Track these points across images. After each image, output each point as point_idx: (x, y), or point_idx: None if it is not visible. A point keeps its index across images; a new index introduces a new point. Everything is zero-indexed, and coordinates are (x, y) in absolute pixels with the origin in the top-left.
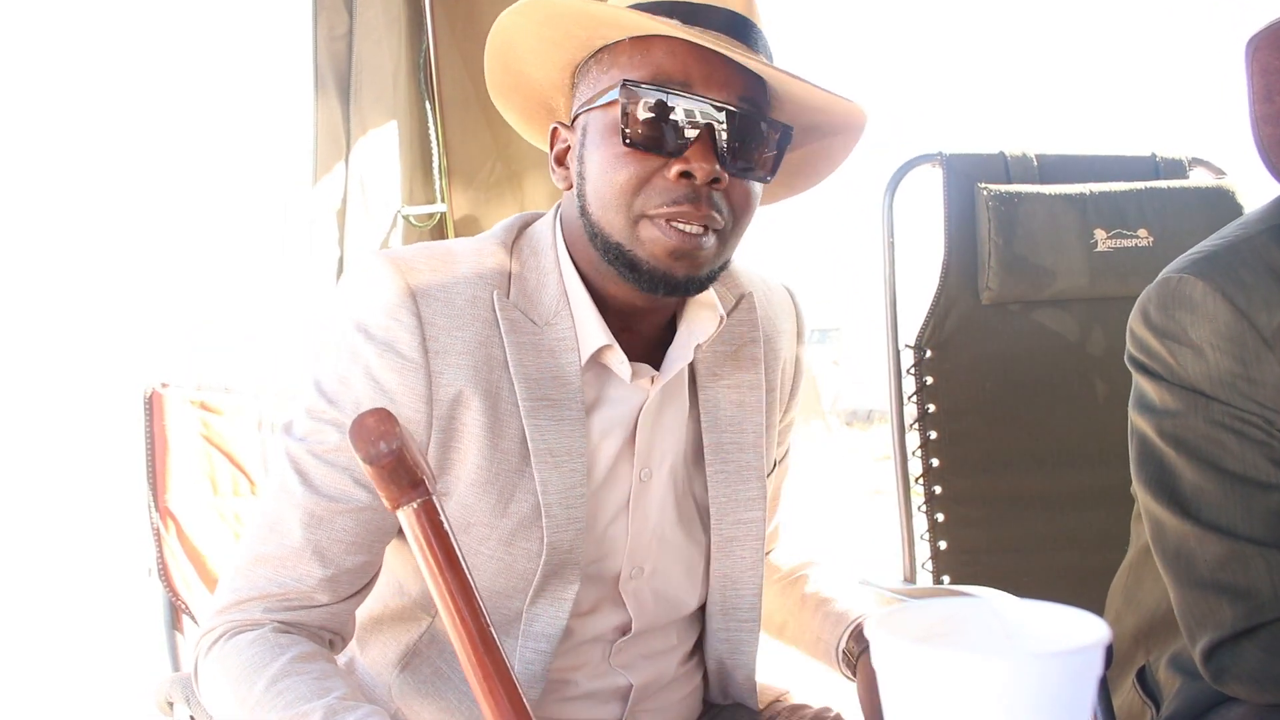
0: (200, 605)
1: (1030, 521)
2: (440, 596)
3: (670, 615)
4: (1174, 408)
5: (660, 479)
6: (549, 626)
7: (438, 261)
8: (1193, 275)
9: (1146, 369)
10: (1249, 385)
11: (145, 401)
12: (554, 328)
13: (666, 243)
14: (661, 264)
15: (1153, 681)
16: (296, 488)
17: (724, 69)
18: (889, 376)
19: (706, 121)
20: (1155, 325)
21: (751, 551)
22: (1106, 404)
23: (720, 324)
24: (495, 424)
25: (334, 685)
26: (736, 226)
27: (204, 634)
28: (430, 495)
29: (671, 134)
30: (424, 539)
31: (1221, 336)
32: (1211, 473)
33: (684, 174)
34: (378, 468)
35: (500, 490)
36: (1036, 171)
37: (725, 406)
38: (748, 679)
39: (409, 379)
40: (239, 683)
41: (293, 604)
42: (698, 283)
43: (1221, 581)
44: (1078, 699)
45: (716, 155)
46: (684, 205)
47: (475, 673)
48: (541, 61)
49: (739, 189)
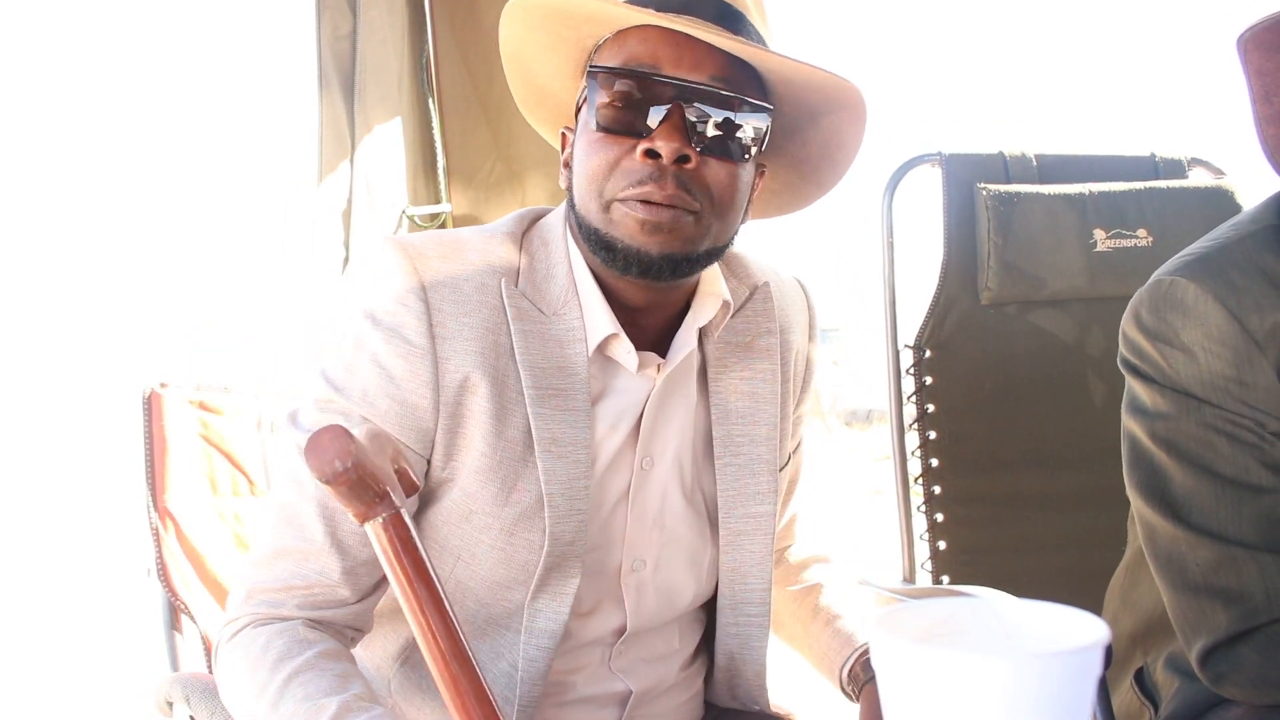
0: (199, 605)
1: (1029, 521)
2: (411, 610)
3: (670, 612)
4: (1165, 410)
5: (663, 469)
6: (551, 622)
7: (447, 249)
8: (1184, 278)
9: (1138, 371)
10: (1241, 388)
11: (144, 401)
12: (561, 318)
13: (635, 217)
14: (635, 241)
15: (1150, 682)
16: (308, 480)
17: (694, 50)
18: (888, 376)
19: (674, 101)
20: (1147, 328)
21: (761, 546)
22: (1105, 404)
23: (726, 311)
24: (501, 412)
25: (354, 684)
26: (717, 208)
27: (227, 623)
28: (397, 509)
29: (639, 116)
30: (392, 553)
31: (1213, 339)
32: (1203, 476)
33: (650, 153)
34: (335, 486)
35: (503, 479)
36: (1036, 171)
37: (736, 398)
38: (757, 676)
39: (416, 365)
40: (260, 670)
41: (319, 599)
42: (672, 262)
43: (1214, 585)
44: (1077, 699)
45: (685, 134)
46: (648, 185)
47: (447, 687)
48: (552, 71)
49: (714, 169)
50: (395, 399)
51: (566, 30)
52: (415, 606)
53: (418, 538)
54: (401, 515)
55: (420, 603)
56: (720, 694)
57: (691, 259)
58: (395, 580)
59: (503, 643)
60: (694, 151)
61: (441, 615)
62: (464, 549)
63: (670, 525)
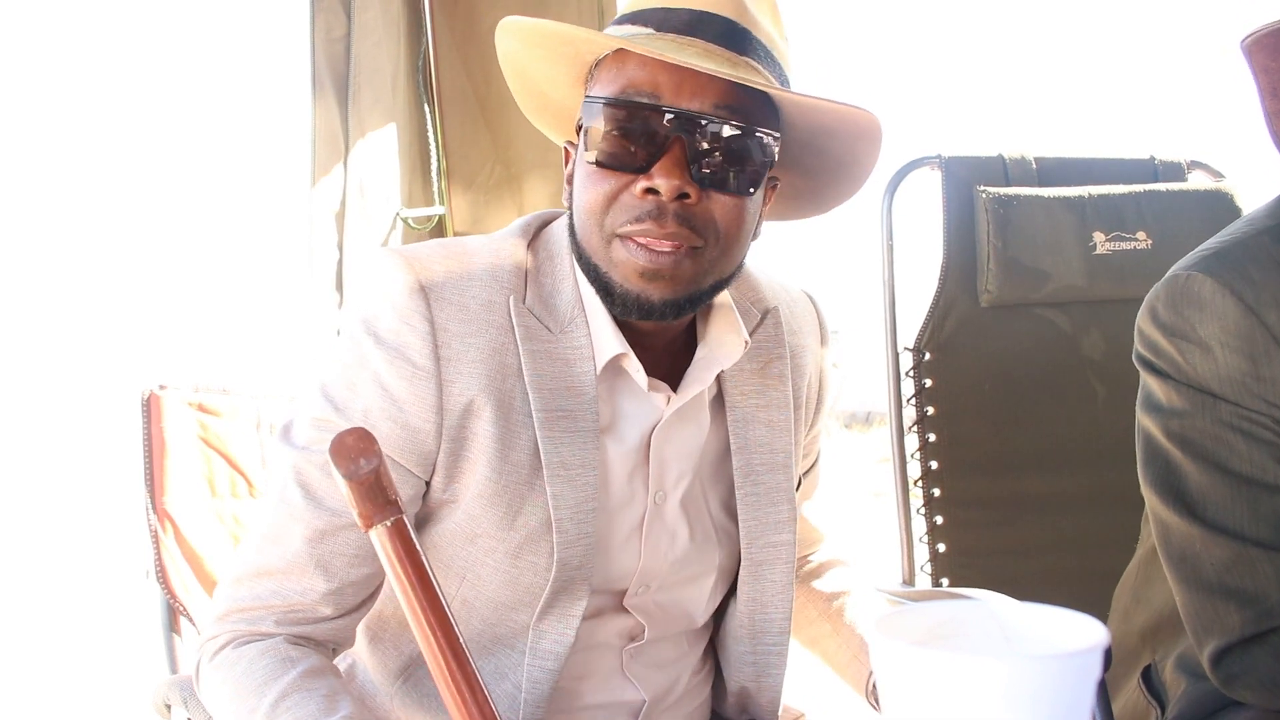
0: (198, 607)
1: (1029, 524)
2: (413, 616)
3: (681, 626)
4: (1181, 407)
5: (675, 502)
6: (556, 644)
7: (453, 261)
8: (1201, 273)
9: (1154, 368)
10: (1258, 383)
11: (143, 403)
12: (569, 335)
13: (635, 263)
14: (634, 287)
15: (1158, 681)
16: (298, 501)
17: (697, 76)
18: (888, 379)
19: (675, 133)
20: (1163, 323)
21: (782, 575)
22: (1105, 406)
23: (745, 348)
24: (507, 434)
25: (341, 704)
26: (720, 244)
27: (207, 640)
28: (401, 514)
29: (637, 149)
30: (396, 558)
31: (1230, 334)
32: (1219, 474)
33: (650, 190)
34: (357, 483)
35: (509, 502)
36: (1035, 174)
37: (755, 427)
38: (772, 701)
39: (419, 387)
40: (247, 693)
41: (299, 617)
42: (675, 306)
43: (1229, 585)
44: (1076, 701)
45: (685, 169)
46: (647, 223)
47: (450, 694)
48: (553, 82)
49: (719, 203)
50: (397, 421)
51: (563, 47)
52: (418, 612)
53: (419, 545)
54: (404, 521)
55: (423, 609)
56: (731, 711)
57: (693, 298)
58: (398, 586)
59: (507, 663)
60: (695, 188)
61: (443, 621)
62: (469, 569)
63: (681, 555)
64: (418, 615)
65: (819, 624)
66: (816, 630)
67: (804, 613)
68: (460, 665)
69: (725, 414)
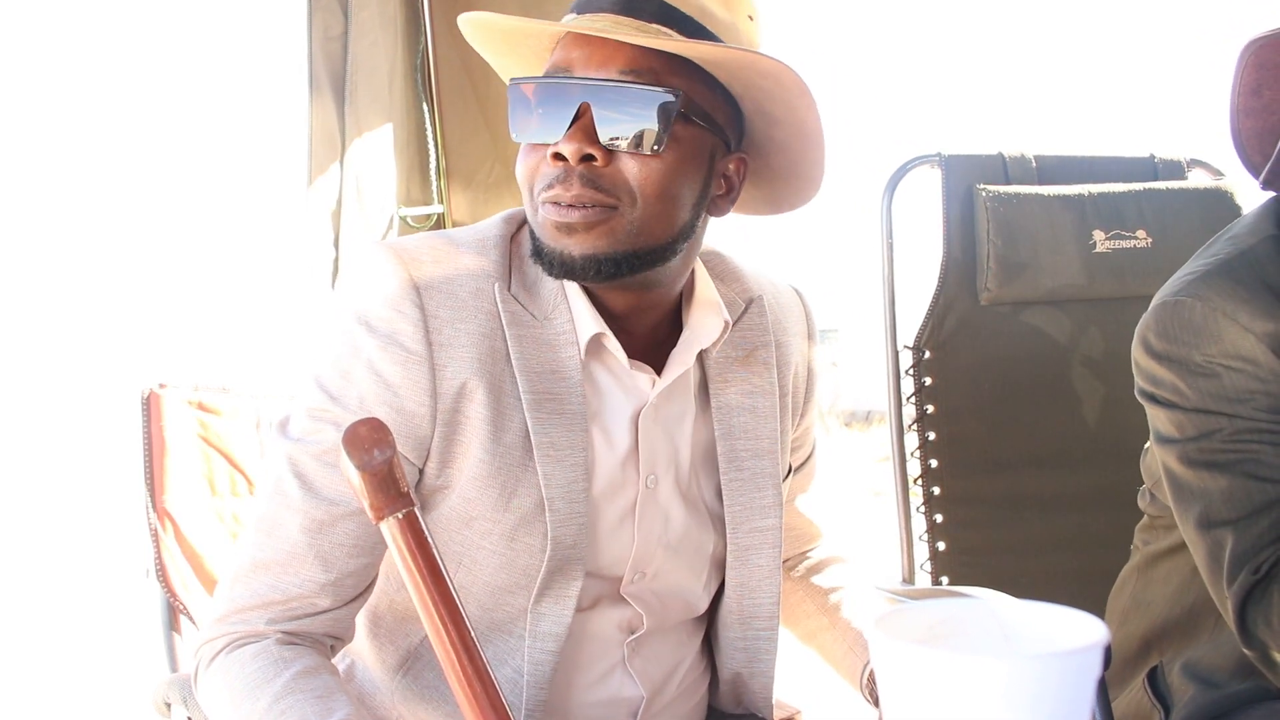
0: (198, 606)
1: (1029, 522)
2: (424, 609)
3: (679, 616)
4: (1193, 433)
5: (667, 486)
6: (555, 625)
7: (440, 252)
8: (1189, 297)
9: (1157, 399)
10: (1266, 398)
11: (143, 402)
12: (553, 321)
13: (550, 220)
14: (555, 243)
15: (1163, 685)
16: (295, 492)
17: (604, 47)
18: (888, 377)
19: (580, 100)
20: (1158, 352)
21: (769, 559)
22: (1104, 405)
23: (725, 329)
24: (498, 417)
25: (336, 704)
26: (638, 205)
27: (204, 643)
28: (413, 506)
29: (550, 121)
30: (408, 550)
31: (1229, 355)
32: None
33: (558, 156)
34: (371, 474)
35: (503, 484)
36: (1035, 172)
37: (738, 413)
38: (765, 688)
39: (413, 372)
40: (241, 699)
41: (295, 611)
42: (598, 263)
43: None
44: (1076, 700)
45: (590, 134)
46: (555, 187)
47: (461, 685)
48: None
49: (628, 164)
50: (393, 407)
51: (525, 41)
52: (429, 605)
53: (431, 536)
54: (416, 513)
55: (434, 601)
56: (724, 702)
57: (618, 258)
58: (409, 578)
59: (505, 648)
60: (600, 149)
61: (454, 613)
62: (465, 554)
63: (675, 541)
64: (429, 608)
65: (816, 618)
66: (814, 624)
67: (801, 608)
68: (471, 657)
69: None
